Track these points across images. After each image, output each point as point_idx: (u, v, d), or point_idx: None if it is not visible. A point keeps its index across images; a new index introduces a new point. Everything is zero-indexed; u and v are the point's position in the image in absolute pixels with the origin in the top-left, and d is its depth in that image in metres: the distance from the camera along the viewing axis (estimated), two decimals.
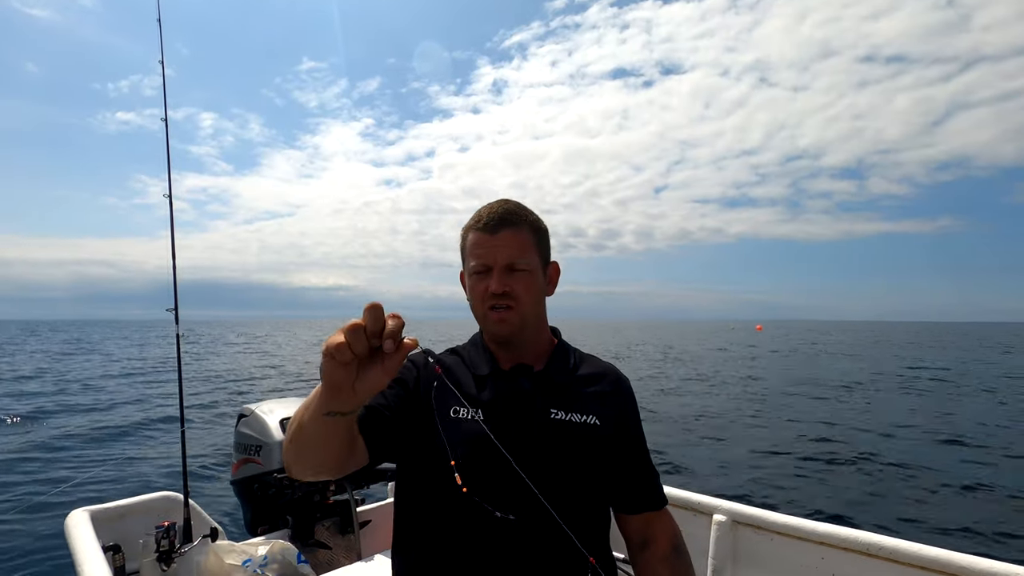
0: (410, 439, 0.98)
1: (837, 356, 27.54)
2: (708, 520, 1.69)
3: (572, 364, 1.09)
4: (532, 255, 1.03)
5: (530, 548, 0.92)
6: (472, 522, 0.92)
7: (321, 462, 0.82)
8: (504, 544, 0.92)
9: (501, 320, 1.00)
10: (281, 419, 2.17)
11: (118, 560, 1.68)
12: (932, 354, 27.61)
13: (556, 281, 1.11)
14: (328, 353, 0.62)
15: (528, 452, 0.93)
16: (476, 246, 1.02)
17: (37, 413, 9.60)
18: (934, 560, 1.30)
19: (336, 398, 0.68)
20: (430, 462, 0.96)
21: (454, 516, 0.94)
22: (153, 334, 54.81)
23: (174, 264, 2.14)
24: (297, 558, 1.73)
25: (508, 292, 0.99)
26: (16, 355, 24.28)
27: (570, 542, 0.90)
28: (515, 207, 1.04)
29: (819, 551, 1.50)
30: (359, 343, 0.61)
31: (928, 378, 17.09)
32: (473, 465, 0.92)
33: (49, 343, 37.25)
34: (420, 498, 0.99)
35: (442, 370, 1.02)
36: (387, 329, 0.62)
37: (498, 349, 1.07)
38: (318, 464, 0.82)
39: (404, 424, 0.97)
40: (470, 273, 1.04)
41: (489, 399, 0.99)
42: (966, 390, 14.17)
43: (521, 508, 0.91)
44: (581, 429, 0.99)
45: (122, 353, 26.57)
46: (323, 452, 0.80)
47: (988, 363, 23.11)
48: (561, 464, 0.96)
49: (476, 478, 0.91)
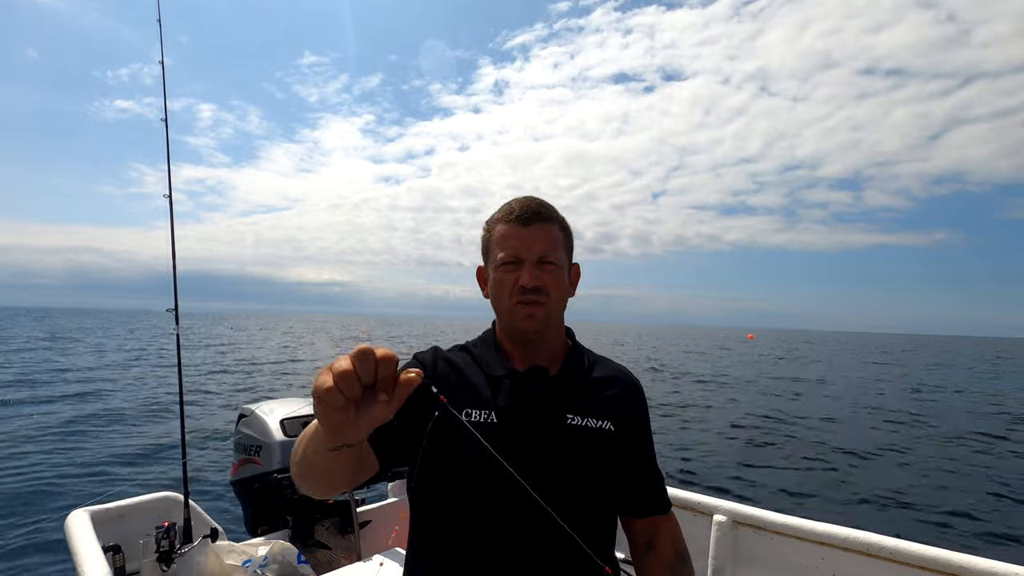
0: (419, 443, 0.95)
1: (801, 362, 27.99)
2: (708, 520, 1.69)
3: (587, 366, 1.06)
4: (561, 252, 1.01)
5: (541, 555, 0.91)
6: (482, 527, 0.91)
7: (332, 485, 0.81)
8: (515, 550, 0.90)
9: (530, 316, 0.97)
10: (281, 419, 2.17)
11: (118, 560, 1.68)
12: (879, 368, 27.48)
13: (577, 283, 1.09)
14: (318, 397, 0.58)
15: (543, 458, 0.91)
16: (506, 238, 0.98)
17: (31, 408, 9.59)
18: (934, 560, 1.30)
19: (339, 438, 0.64)
20: (441, 465, 0.94)
21: (465, 521, 0.93)
22: (146, 324, 54.66)
23: (174, 264, 2.14)
24: (297, 558, 1.73)
25: (539, 287, 0.96)
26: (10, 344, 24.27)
27: (582, 550, 0.88)
28: (546, 203, 1.02)
29: (819, 551, 1.50)
30: (351, 388, 0.56)
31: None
32: (483, 470, 0.90)
33: (38, 331, 37.08)
34: (432, 501, 0.97)
35: (452, 369, 1.01)
36: (380, 379, 0.58)
37: (513, 347, 1.03)
38: (328, 487, 0.81)
39: (413, 430, 0.94)
40: (498, 265, 0.99)
41: (504, 402, 0.96)
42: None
43: (531, 515, 0.89)
44: (597, 435, 0.97)
45: (116, 344, 26.51)
46: (334, 478, 0.79)
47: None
48: (576, 471, 0.94)
49: (485, 483, 0.90)
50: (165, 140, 2.24)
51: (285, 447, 2.10)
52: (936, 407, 13.04)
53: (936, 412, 12.16)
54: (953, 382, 19.67)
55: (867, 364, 28.56)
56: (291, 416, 2.20)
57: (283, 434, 2.12)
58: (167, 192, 2.17)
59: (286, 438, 2.11)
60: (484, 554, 0.91)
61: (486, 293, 1.05)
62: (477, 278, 1.08)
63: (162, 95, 2.30)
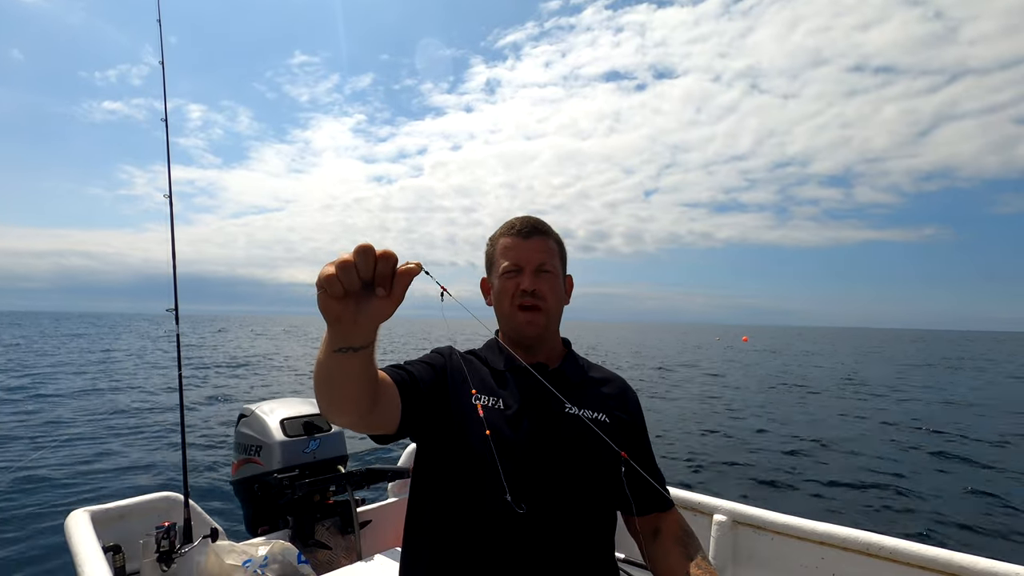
0: (436, 420, 1.01)
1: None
2: (708, 520, 1.69)
3: (584, 368, 1.18)
4: (557, 262, 1.14)
5: (545, 538, 0.94)
6: (488, 508, 0.95)
7: (343, 399, 0.82)
8: (520, 532, 0.94)
9: (530, 322, 1.09)
10: (281, 419, 2.17)
11: (118, 560, 1.68)
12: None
13: (571, 293, 1.20)
14: (320, 285, 0.62)
15: (546, 443, 0.99)
16: (509, 249, 1.11)
17: (31, 409, 9.60)
18: (934, 560, 1.30)
19: (339, 331, 0.68)
20: (453, 446, 1.00)
21: (473, 502, 0.96)
22: (138, 327, 54.78)
23: (174, 265, 2.14)
24: (297, 558, 1.73)
25: (538, 291, 1.08)
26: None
27: (582, 534, 0.95)
28: (543, 221, 1.16)
29: (819, 551, 1.50)
30: (350, 279, 0.61)
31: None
32: (491, 452, 0.95)
33: (30, 333, 37.16)
34: (440, 482, 1.02)
35: (463, 363, 1.10)
36: (377, 273, 0.62)
37: (516, 351, 1.12)
38: (341, 401, 0.82)
39: (434, 404, 1.01)
40: (501, 273, 1.11)
41: (509, 390, 1.06)
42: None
43: (535, 497, 0.94)
44: (595, 424, 1.04)
45: (110, 346, 26.54)
46: (343, 390, 0.81)
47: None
48: (576, 456, 1.00)
49: (493, 466, 0.94)
50: (165, 140, 2.24)
51: (285, 447, 2.10)
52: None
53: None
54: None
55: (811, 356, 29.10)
56: (291, 416, 2.20)
57: (283, 434, 2.12)
58: (167, 192, 2.17)
59: (286, 438, 2.11)
60: (488, 537, 0.95)
61: (489, 301, 1.17)
62: (481, 288, 1.20)
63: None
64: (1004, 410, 11.85)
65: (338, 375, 0.77)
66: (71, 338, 33.33)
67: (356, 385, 0.80)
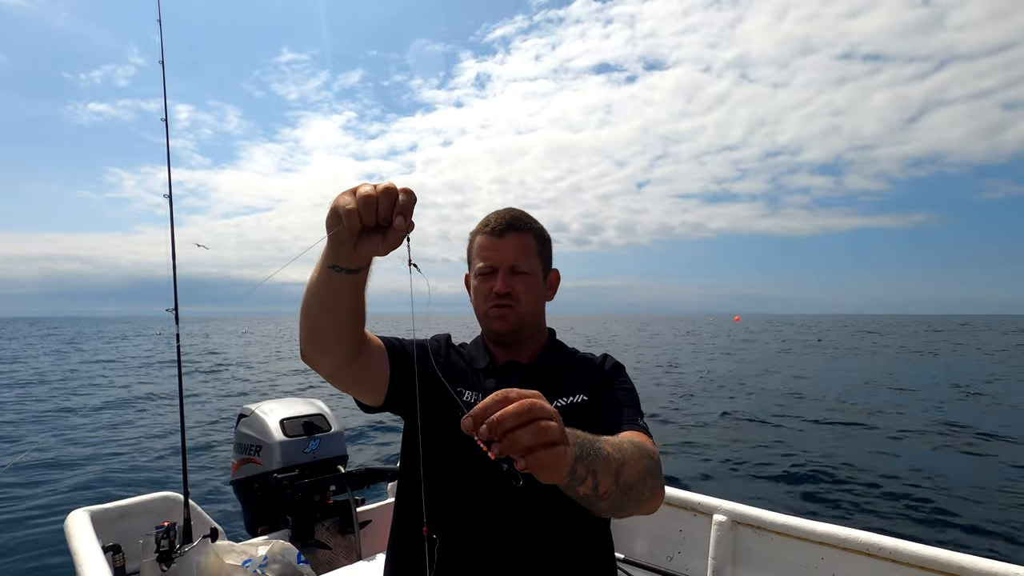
0: (415, 400, 1.00)
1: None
2: (708, 520, 1.69)
3: (562, 358, 1.14)
4: (534, 260, 1.09)
5: (540, 510, 0.95)
6: (486, 477, 0.96)
7: (328, 331, 0.82)
8: (518, 503, 0.95)
9: (501, 317, 1.07)
10: (281, 419, 2.17)
11: (118, 560, 1.68)
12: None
13: (556, 287, 1.17)
14: (339, 214, 0.64)
15: None
16: (483, 249, 1.08)
17: (33, 412, 9.59)
18: (933, 560, 1.30)
19: (338, 251, 0.70)
20: (440, 424, 1.00)
21: (469, 472, 0.97)
22: (130, 330, 54.69)
23: (174, 265, 2.13)
24: (297, 558, 1.73)
25: (510, 292, 1.05)
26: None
27: (572, 513, 0.92)
28: (521, 214, 1.10)
29: (819, 551, 1.50)
30: (369, 215, 0.62)
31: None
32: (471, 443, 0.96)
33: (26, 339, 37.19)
34: (433, 455, 1.01)
35: (445, 361, 1.10)
36: (399, 203, 0.63)
37: (496, 348, 1.14)
38: (326, 333, 0.82)
39: (421, 379, 0.99)
40: (476, 274, 1.09)
41: (484, 389, 1.06)
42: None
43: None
44: (569, 411, 1.03)
45: (106, 349, 26.55)
46: (329, 318, 0.81)
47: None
48: None
49: (471, 456, 0.94)
50: (165, 141, 2.24)
51: (285, 447, 2.10)
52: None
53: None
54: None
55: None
56: (291, 416, 2.20)
57: (283, 434, 2.12)
58: (167, 193, 2.17)
59: (286, 438, 2.12)
60: (488, 506, 0.96)
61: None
62: (465, 284, 1.18)
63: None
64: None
65: (327, 298, 0.77)
66: (69, 342, 33.32)
67: (343, 318, 0.80)
